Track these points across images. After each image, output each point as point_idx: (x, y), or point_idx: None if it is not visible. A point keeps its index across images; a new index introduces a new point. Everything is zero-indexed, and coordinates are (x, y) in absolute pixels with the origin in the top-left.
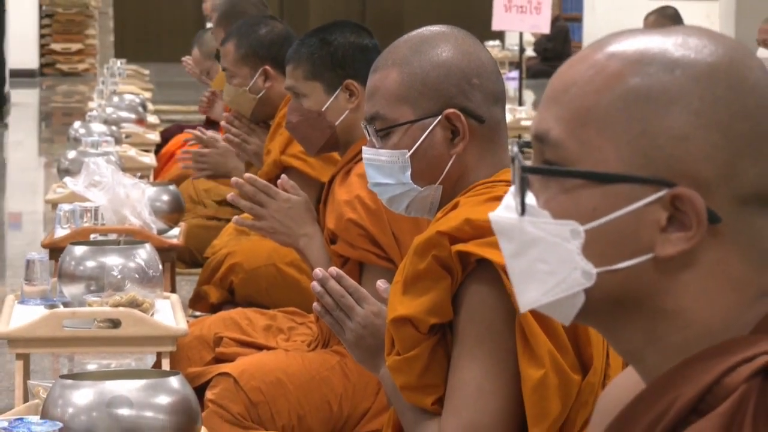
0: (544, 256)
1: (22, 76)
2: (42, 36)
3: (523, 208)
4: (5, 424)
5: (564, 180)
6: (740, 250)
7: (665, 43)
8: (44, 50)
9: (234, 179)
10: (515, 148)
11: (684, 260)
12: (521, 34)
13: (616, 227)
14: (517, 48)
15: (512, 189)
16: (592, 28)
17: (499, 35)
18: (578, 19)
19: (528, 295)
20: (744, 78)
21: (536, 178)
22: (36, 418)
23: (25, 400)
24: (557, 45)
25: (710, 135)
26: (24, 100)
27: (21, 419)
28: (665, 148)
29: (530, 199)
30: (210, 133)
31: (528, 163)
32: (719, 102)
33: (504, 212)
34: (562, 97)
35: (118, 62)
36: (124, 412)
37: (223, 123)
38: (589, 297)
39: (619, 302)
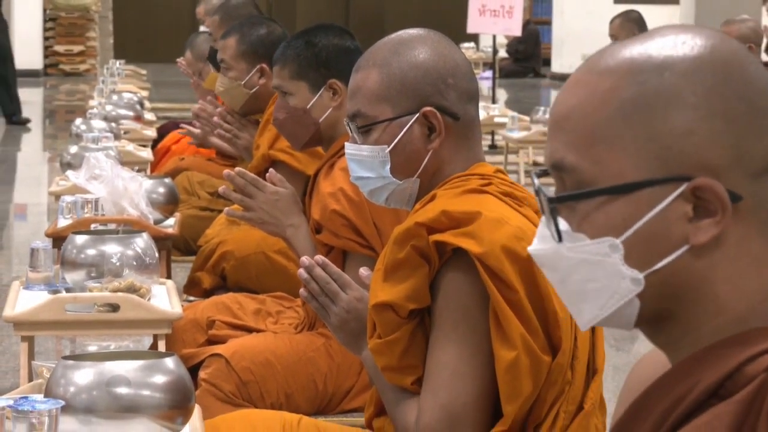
0: (592, 276)
1: (28, 76)
2: (46, 38)
3: (559, 236)
4: (11, 402)
5: (590, 200)
6: (759, 226)
7: (647, 50)
8: (48, 52)
9: (226, 172)
10: (536, 181)
11: (715, 245)
12: (494, 37)
13: (649, 230)
14: (490, 49)
15: (543, 220)
16: (560, 32)
17: (474, 37)
18: (548, 23)
19: (586, 315)
20: (728, 62)
21: (563, 205)
22: (40, 397)
23: (30, 379)
24: (528, 47)
25: (712, 123)
26: (29, 99)
27: (26, 397)
28: (674, 147)
29: (563, 225)
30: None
31: (544, 185)
32: (712, 91)
33: (541, 244)
34: (566, 124)
35: (117, 63)
36: (122, 390)
37: (215, 120)
38: (642, 300)
39: (667, 299)
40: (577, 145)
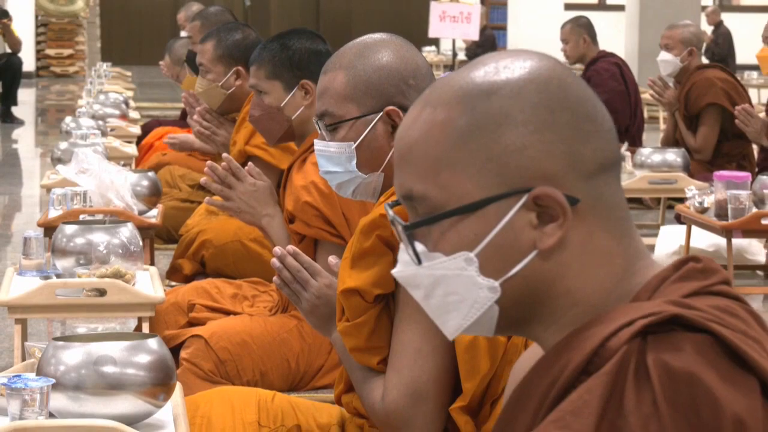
0: (452, 289)
1: (21, 77)
2: (38, 42)
3: (418, 259)
4: (5, 380)
5: (442, 222)
6: (601, 221)
7: (473, 79)
8: (40, 55)
9: (209, 163)
10: (390, 211)
11: (561, 246)
12: (454, 41)
13: (500, 241)
14: (450, 53)
15: (402, 245)
16: (515, 36)
17: (435, 41)
18: (503, 28)
19: (450, 325)
20: (548, 78)
21: (419, 230)
22: (32, 375)
23: (23, 359)
24: (485, 50)
25: (542, 136)
26: (23, 99)
27: (19, 376)
28: (510, 163)
29: (420, 247)
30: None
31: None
32: (537, 107)
33: (403, 266)
34: (410, 157)
35: (104, 65)
36: (108, 369)
37: (195, 117)
38: (500, 306)
39: (524, 301)
40: (423, 175)
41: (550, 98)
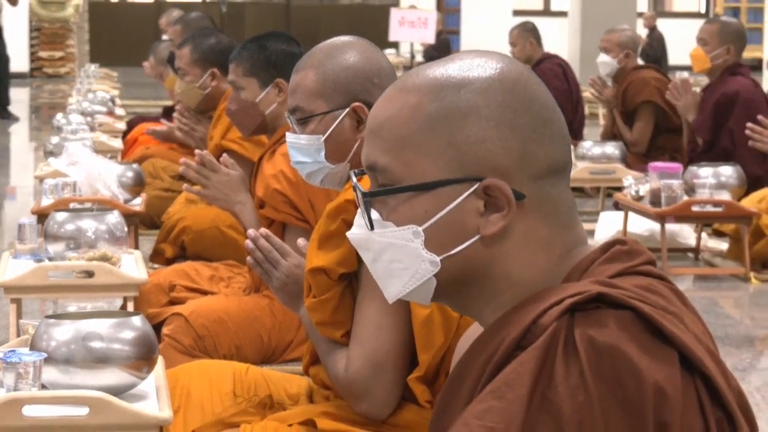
0: (397, 257)
1: (16, 78)
2: (32, 46)
3: (371, 225)
4: (1, 355)
5: (398, 195)
6: (544, 217)
7: (447, 71)
8: (33, 57)
9: (182, 160)
10: (354, 179)
11: (503, 234)
12: (412, 44)
13: (447, 221)
14: (409, 55)
15: (359, 211)
16: (467, 40)
17: (395, 45)
18: (457, 33)
19: (392, 290)
20: (515, 80)
21: (376, 199)
22: (26, 350)
23: (18, 335)
24: (441, 53)
25: (501, 132)
26: (18, 97)
27: (14, 351)
28: (469, 152)
29: (375, 215)
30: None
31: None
32: (501, 105)
33: (357, 230)
34: (380, 132)
35: (93, 66)
36: (96, 344)
37: (175, 115)
38: (439, 280)
39: (461, 279)
40: (389, 150)
41: (514, 99)
